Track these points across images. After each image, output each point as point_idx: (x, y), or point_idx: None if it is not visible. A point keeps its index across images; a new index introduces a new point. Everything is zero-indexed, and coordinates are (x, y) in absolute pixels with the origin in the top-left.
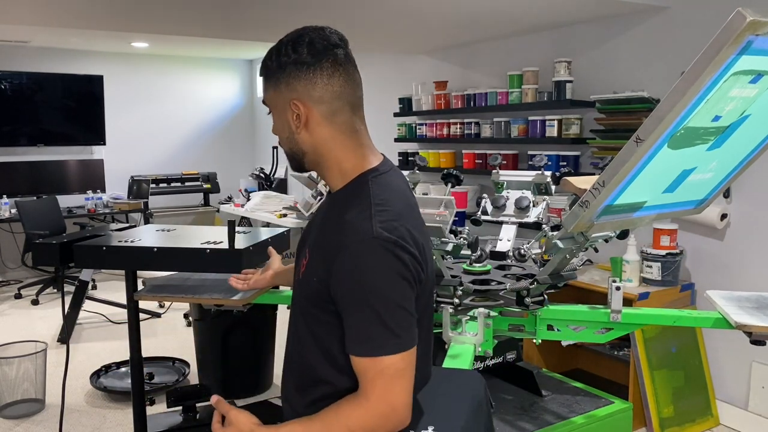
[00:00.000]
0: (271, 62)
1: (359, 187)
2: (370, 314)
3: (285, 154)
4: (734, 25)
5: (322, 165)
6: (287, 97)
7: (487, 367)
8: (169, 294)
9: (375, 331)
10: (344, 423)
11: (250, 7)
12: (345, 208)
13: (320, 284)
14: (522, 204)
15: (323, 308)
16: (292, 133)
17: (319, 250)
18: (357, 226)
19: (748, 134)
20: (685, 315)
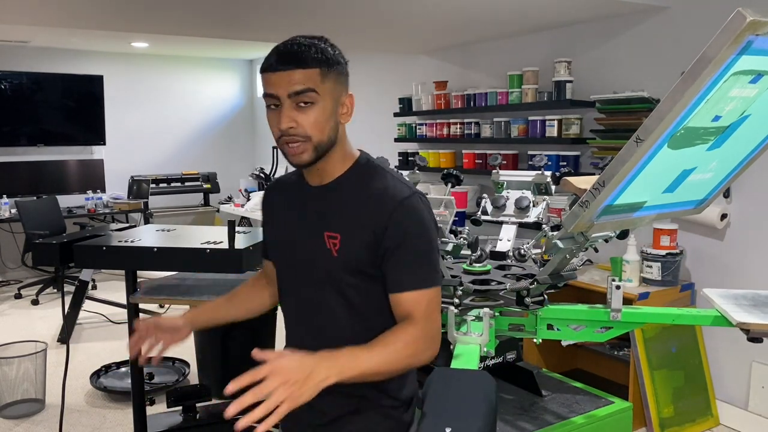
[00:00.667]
0: (333, 53)
1: (367, 167)
2: (421, 255)
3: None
4: (734, 25)
5: (333, 154)
6: (344, 90)
7: (487, 367)
8: (167, 295)
9: (425, 269)
10: (403, 339)
11: (250, 7)
12: (370, 182)
13: (366, 246)
14: (522, 204)
15: (366, 274)
16: (336, 123)
17: (354, 221)
18: (397, 188)
19: (748, 134)
20: (684, 313)
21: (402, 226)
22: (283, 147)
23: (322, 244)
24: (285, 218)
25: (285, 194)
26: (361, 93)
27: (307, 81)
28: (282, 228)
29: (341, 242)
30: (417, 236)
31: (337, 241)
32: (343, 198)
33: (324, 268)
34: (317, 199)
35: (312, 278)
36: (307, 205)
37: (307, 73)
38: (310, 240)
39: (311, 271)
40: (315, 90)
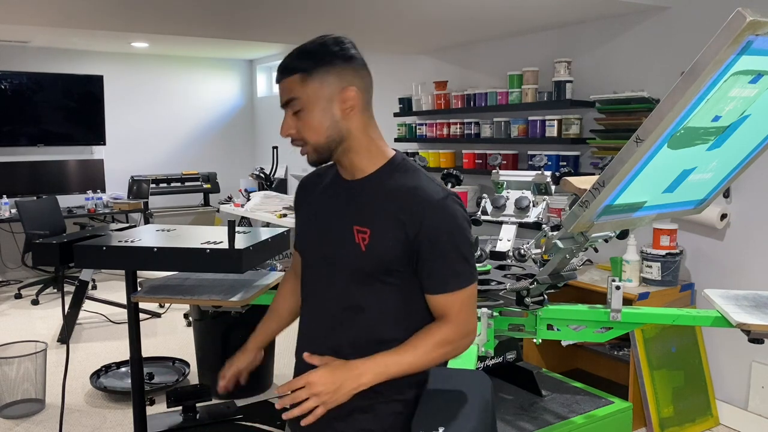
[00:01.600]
0: (309, 59)
1: (401, 166)
2: (457, 255)
3: (313, 149)
4: (734, 25)
5: (355, 150)
6: (336, 87)
7: (487, 367)
8: (167, 295)
9: (463, 267)
10: (436, 341)
11: (250, 7)
12: (403, 181)
13: (397, 244)
14: (522, 204)
15: (394, 271)
16: (336, 121)
17: (386, 218)
18: (431, 189)
19: (748, 134)
20: (684, 314)
21: (435, 228)
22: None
23: (351, 238)
24: (316, 209)
25: (318, 186)
26: None
27: (288, 91)
28: (312, 218)
29: (371, 237)
30: (450, 238)
31: (366, 235)
32: (375, 193)
33: (351, 261)
34: (348, 193)
35: (337, 271)
36: (339, 198)
37: (288, 82)
38: (339, 232)
39: (337, 264)
40: (297, 97)
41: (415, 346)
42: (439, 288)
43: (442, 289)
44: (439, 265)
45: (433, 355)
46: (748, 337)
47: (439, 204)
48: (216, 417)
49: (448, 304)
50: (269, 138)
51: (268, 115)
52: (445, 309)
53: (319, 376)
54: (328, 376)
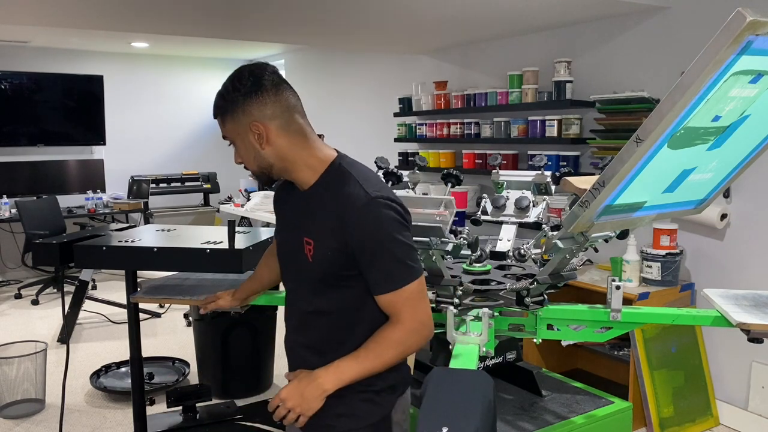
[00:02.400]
0: (223, 101)
1: (336, 172)
2: (388, 257)
3: (253, 174)
4: (734, 25)
5: (291, 168)
6: (246, 123)
7: (487, 367)
8: (166, 296)
9: (395, 269)
10: (386, 343)
11: (250, 7)
12: (336, 188)
13: (336, 253)
14: (522, 204)
15: (345, 276)
16: (257, 152)
17: (324, 228)
18: (355, 194)
19: (748, 134)
20: (684, 313)
21: (361, 234)
22: None
23: (301, 249)
24: (284, 215)
25: (288, 193)
26: (361, 93)
27: (222, 129)
28: (281, 224)
29: (315, 248)
30: (377, 242)
31: (311, 246)
32: (317, 203)
33: (303, 270)
34: (301, 204)
35: (295, 278)
36: (296, 209)
37: (219, 122)
38: (294, 243)
39: (294, 271)
40: (227, 135)
41: (369, 350)
42: (377, 290)
43: (380, 291)
44: (374, 269)
45: (387, 356)
46: (747, 336)
47: (362, 210)
48: (216, 417)
49: (391, 304)
50: None
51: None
52: (389, 309)
53: (287, 392)
54: (293, 390)
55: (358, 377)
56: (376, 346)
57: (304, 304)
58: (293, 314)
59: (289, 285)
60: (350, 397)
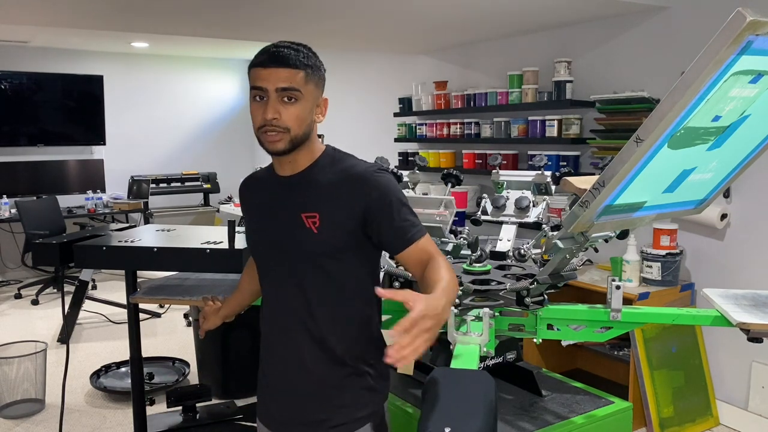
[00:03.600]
0: (315, 60)
1: (333, 154)
2: (407, 210)
3: (291, 137)
4: (734, 25)
5: (305, 147)
6: (320, 92)
7: (487, 367)
8: (166, 296)
9: (414, 220)
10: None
11: (250, 7)
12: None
13: (344, 221)
14: (522, 204)
15: (347, 248)
16: (312, 121)
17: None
18: (362, 166)
19: (748, 134)
20: (684, 313)
21: (378, 196)
22: (262, 135)
23: (301, 225)
24: (259, 208)
25: (256, 186)
26: (361, 93)
27: (293, 80)
28: (257, 217)
29: (321, 220)
30: (398, 198)
31: (316, 219)
32: (317, 180)
33: (304, 247)
34: (290, 186)
35: (292, 259)
36: (280, 193)
37: (294, 73)
38: (287, 223)
39: (291, 253)
40: (299, 89)
41: (441, 279)
42: (409, 241)
43: (411, 240)
44: (396, 226)
45: (453, 283)
46: (747, 336)
47: (374, 176)
48: (216, 417)
49: (422, 253)
50: None
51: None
52: (424, 253)
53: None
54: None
55: (451, 301)
56: (445, 277)
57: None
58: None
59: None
60: (351, 386)
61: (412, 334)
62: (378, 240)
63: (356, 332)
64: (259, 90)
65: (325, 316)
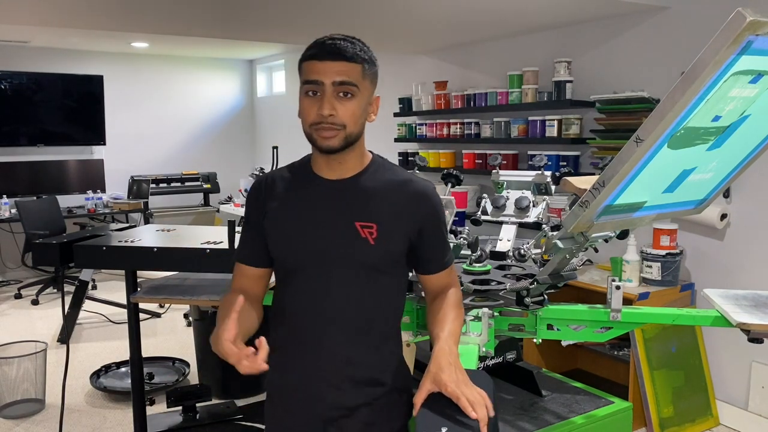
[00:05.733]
0: (372, 54)
1: (383, 162)
2: (445, 235)
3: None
4: (734, 25)
5: (356, 148)
6: (374, 89)
7: (487, 367)
8: (167, 296)
9: (449, 245)
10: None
11: (250, 7)
12: (394, 175)
13: (401, 234)
14: (522, 204)
15: (399, 261)
16: (364, 119)
17: (390, 209)
18: (420, 182)
19: (748, 134)
20: (684, 313)
21: (434, 214)
22: (314, 132)
23: (355, 234)
24: (293, 209)
25: (286, 186)
26: None
27: (350, 74)
28: (292, 219)
29: (378, 231)
30: (441, 223)
31: (373, 230)
32: (371, 188)
33: (358, 257)
34: (340, 190)
35: (342, 268)
36: (326, 196)
37: (352, 66)
38: (338, 230)
39: (341, 262)
40: (356, 85)
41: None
42: (443, 266)
43: (445, 265)
44: (440, 247)
45: (462, 316)
46: (747, 336)
47: (431, 194)
48: (216, 417)
49: (450, 276)
50: (269, 138)
51: (268, 115)
52: (448, 280)
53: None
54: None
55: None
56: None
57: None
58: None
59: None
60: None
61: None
62: (417, 256)
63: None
64: (314, 84)
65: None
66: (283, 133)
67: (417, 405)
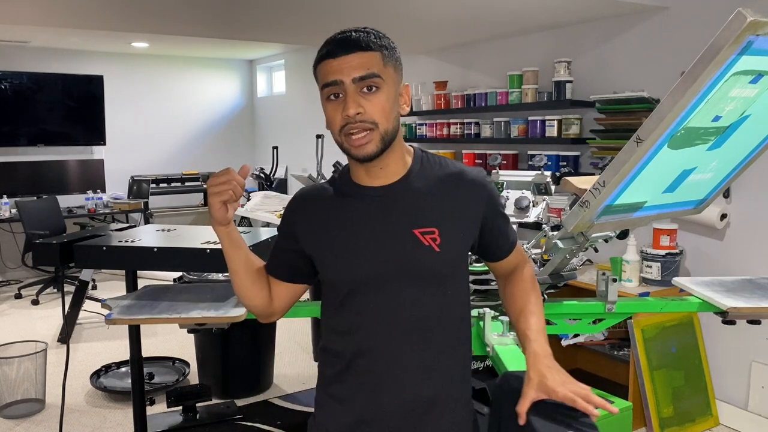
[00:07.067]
0: (388, 41)
1: (427, 156)
2: (506, 218)
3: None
4: (734, 25)
5: (395, 148)
6: (400, 78)
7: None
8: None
9: (511, 227)
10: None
11: (250, 7)
12: (445, 169)
13: (470, 234)
14: (522, 204)
15: (464, 262)
16: (398, 112)
17: (454, 212)
18: (469, 169)
19: (748, 134)
20: (671, 301)
21: (494, 200)
22: (346, 140)
23: (417, 243)
24: (341, 227)
25: (327, 204)
26: None
27: (371, 65)
28: (342, 239)
29: (441, 235)
30: (501, 205)
31: (436, 235)
32: (421, 189)
33: (425, 265)
34: (389, 199)
35: (408, 280)
36: (377, 209)
37: (371, 56)
38: (398, 242)
39: (406, 273)
40: (379, 75)
41: (536, 300)
42: (512, 247)
43: (514, 246)
44: (506, 230)
45: (540, 296)
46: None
47: (485, 181)
48: (216, 417)
49: (519, 254)
50: (269, 138)
51: (268, 115)
52: (517, 259)
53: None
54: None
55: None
56: (533, 291)
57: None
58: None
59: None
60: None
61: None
62: (484, 247)
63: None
64: (333, 86)
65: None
66: (283, 133)
67: (522, 415)
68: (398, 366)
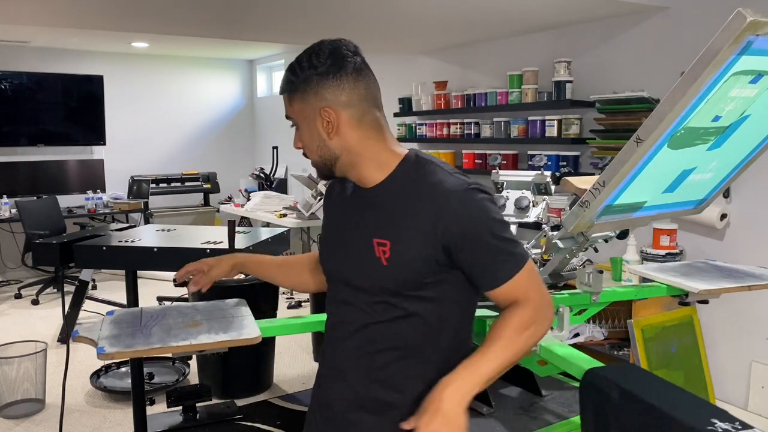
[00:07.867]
0: (295, 77)
1: (414, 164)
2: (496, 243)
3: (313, 164)
4: (734, 25)
5: (359, 164)
6: (317, 107)
7: None
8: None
9: (508, 251)
10: (514, 328)
11: (250, 7)
12: (421, 179)
13: (421, 252)
14: (522, 204)
15: (419, 284)
16: (323, 141)
17: (404, 224)
18: (449, 182)
19: (748, 134)
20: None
21: (465, 222)
22: None
23: (371, 252)
24: (337, 218)
25: (341, 194)
26: None
27: (288, 107)
28: (333, 229)
29: (391, 250)
30: (486, 228)
31: (386, 248)
32: (391, 199)
33: (372, 277)
34: (365, 202)
35: (359, 287)
36: (357, 208)
37: (285, 99)
38: (359, 246)
39: (358, 280)
40: (290, 116)
41: (498, 338)
42: (495, 282)
43: (499, 282)
44: (487, 260)
45: (519, 341)
46: (680, 301)
47: (463, 197)
48: (216, 417)
49: (513, 292)
50: (269, 138)
51: (268, 115)
52: (511, 297)
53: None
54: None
55: (491, 373)
56: (504, 334)
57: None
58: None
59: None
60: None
61: None
62: (466, 274)
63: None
64: None
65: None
66: (283, 133)
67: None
68: (343, 363)
